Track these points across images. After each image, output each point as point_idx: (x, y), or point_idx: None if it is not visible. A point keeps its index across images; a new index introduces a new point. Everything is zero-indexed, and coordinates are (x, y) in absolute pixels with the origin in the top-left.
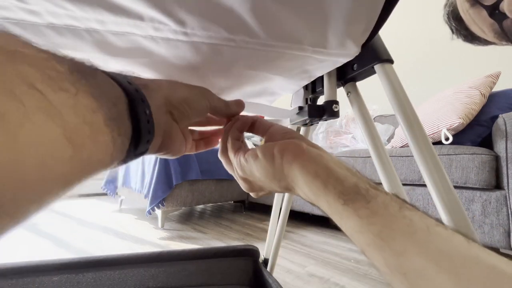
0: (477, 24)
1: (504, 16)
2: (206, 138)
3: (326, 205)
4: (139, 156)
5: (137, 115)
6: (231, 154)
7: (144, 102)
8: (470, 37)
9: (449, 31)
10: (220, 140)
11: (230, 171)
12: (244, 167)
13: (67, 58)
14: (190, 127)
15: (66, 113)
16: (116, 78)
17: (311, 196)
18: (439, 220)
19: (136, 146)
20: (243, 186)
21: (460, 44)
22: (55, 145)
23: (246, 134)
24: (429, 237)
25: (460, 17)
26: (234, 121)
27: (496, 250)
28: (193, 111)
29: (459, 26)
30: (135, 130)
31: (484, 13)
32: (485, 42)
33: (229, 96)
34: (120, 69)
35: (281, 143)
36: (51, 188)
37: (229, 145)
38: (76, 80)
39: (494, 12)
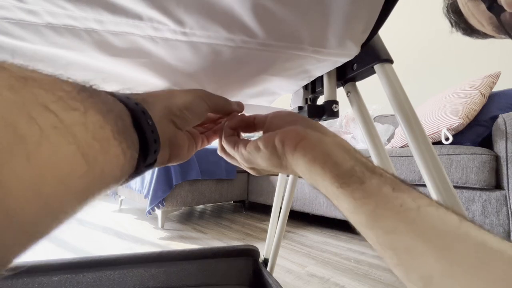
0: (476, 17)
1: (502, 9)
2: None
3: (324, 189)
4: (149, 168)
5: (141, 126)
6: (230, 151)
7: (145, 113)
8: (469, 30)
9: (448, 27)
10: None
11: (235, 164)
12: (248, 160)
13: (70, 80)
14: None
15: (78, 130)
16: (115, 95)
17: (311, 181)
18: (434, 200)
19: (144, 158)
20: (250, 171)
21: (460, 44)
22: (71, 162)
23: (247, 135)
24: (419, 216)
25: (460, 10)
26: (225, 120)
27: None
28: (194, 116)
29: (458, 19)
30: (141, 141)
31: (483, 6)
32: (484, 35)
33: (229, 96)
34: (119, 71)
35: (282, 132)
36: (69, 204)
37: (224, 144)
38: (83, 99)
39: (493, 5)
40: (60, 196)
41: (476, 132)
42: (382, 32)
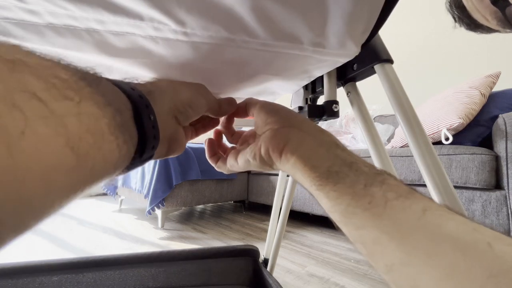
0: (480, 11)
1: (507, 3)
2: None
3: (308, 189)
4: (144, 162)
5: (142, 121)
6: (218, 164)
7: (148, 107)
8: (473, 25)
9: (451, 23)
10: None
11: (222, 171)
12: (240, 167)
13: (71, 66)
14: None
15: (69, 122)
16: (119, 85)
17: (298, 182)
18: (404, 190)
19: (141, 153)
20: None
21: (460, 44)
22: (58, 155)
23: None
24: (385, 211)
25: (463, 5)
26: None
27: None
28: (195, 113)
29: (462, 14)
30: (140, 136)
31: (487, 0)
32: (488, 30)
33: (229, 95)
34: (122, 69)
35: (264, 143)
36: (53, 199)
37: (210, 161)
38: (80, 88)
39: None
40: (45, 190)
41: (476, 132)
42: (382, 32)
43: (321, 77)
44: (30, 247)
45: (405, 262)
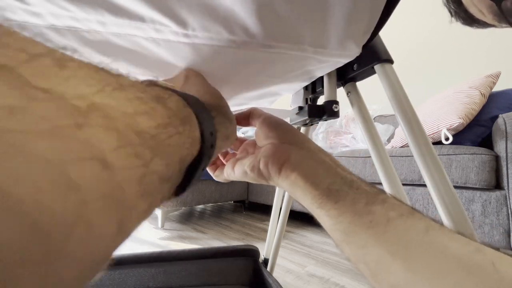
0: (476, 5)
1: None
2: None
3: (307, 207)
4: (189, 187)
5: (196, 169)
6: (216, 173)
7: (213, 147)
8: (469, 19)
9: (448, 18)
10: None
11: (220, 180)
12: (236, 177)
13: (157, 102)
14: None
15: (127, 188)
16: (189, 102)
17: (296, 199)
18: (405, 208)
19: (192, 174)
20: None
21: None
22: (104, 226)
23: (242, 129)
24: (387, 230)
25: None
26: None
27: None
28: (228, 146)
29: (458, 9)
30: (183, 183)
31: None
32: (485, 25)
33: (231, 98)
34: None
35: (264, 157)
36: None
37: (209, 169)
38: (158, 144)
39: None
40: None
41: (476, 132)
42: (382, 32)
43: (321, 77)
44: None
45: (410, 281)
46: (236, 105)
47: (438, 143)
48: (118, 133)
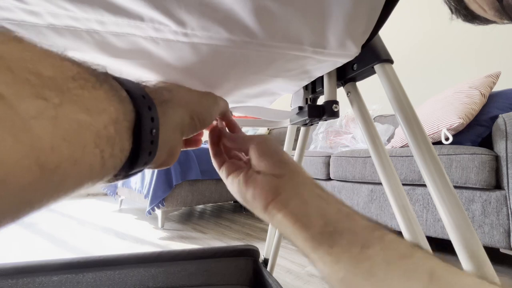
0: (477, 2)
1: None
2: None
3: (299, 251)
4: (129, 177)
5: (140, 135)
6: (222, 168)
7: (154, 121)
8: (470, 16)
9: (449, 26)
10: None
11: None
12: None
13: (69, 60)
14: None
15: (36, 126)
16: (130, 90)
17: (287, 238)
18: (406, 247)
19: (131, 166)
20: None
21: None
22: (17, 165)
23: (242, 129)
24: (386, 277)
25: None
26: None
27: (496, 250)
28: (202, 126)
29: (459, 5)
30: (133, 150)
31: None
32: (486, 21)
33: (230, 97)
34: (122, 70)
35: (253, 188)
36: (7, 209)
37: (224, 167)
38: (68, 89)
39: None
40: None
41: (476, 132)
42: (382, 32)
43: (321, 77)
44: (30, 247)
45: None
46: (235, 102)
47: (438, 143)
48: (12, 72)
